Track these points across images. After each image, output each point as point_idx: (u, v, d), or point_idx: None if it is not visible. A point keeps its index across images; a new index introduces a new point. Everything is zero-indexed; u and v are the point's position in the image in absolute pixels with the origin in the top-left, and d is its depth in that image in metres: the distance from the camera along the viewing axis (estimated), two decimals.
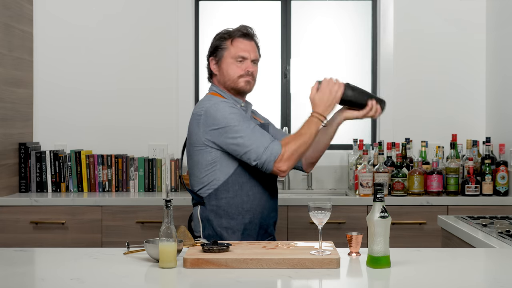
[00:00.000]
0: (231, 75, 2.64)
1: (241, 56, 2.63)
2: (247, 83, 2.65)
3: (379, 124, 4.37)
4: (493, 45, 4.24)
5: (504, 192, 3.86)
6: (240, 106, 2.66)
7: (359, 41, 4.50)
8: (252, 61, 2.66)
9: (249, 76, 2.64)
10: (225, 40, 2.66)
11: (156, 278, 1.94)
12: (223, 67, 2.66)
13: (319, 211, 2.10)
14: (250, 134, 2.48)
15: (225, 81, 2.67)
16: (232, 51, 2.64)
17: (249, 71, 2.64)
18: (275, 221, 2.71)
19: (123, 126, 4.35)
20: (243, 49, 2.64)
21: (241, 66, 2.63)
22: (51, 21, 4.35)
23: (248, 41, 2.66)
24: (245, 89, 2.66)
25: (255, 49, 2.68)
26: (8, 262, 2.11)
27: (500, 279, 1.95)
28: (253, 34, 2.69)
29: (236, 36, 2.65)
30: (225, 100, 2.60)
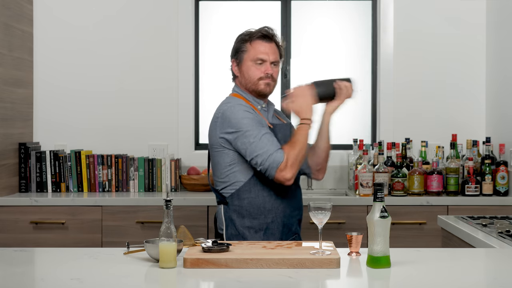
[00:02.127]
0: (251, 77, 2.68)
1: (260, 59, 2.66)
2: (267, 85, 2.68)
3: (379, 124, 4.37)
4: (493, 45, 4.24)
5: (504, 192, 3.86)
6: (261, 107, 2.71)
7: (359, 41, 4.50)
8: (272, 63, 2.68)
9: (269, 78, 2.67)
10: (245, 42, 2.69)
11: (156, 278, 1.94)
12: (244, 69, 2.70)
13: (319, 211, 2.11)
14: (258, 140, 2.53)
15: (246, 83, 2.71)
16: (252, 54, 2.67)
17: (269, 73, 2.66)
18: (299, 219, 2.74)
19: (123, 126, 4.35)
20: (262, 52, 2.66)
21: (261, 69, 2.66)
22: (51, 21, 4.35)
23: (267, 43, 2.67)
24: (265, 91, 2.70)
25: (275, 50, 2.69)
26: (8, 262, 2.11)
27: (500, 279, 1.95)
28: (273, 35, 2.70)
29: (255, 38, 2.67)
30: (241, 103, 2.65)
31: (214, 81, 4.48)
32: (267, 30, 2.70)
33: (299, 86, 2.65)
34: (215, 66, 4.49)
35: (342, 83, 2.70)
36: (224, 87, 4.45)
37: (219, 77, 4.48)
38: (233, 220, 2.65)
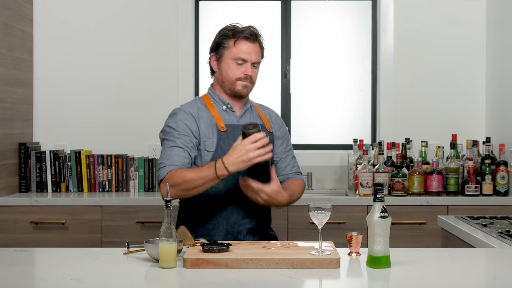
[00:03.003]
0: (229, 76, 2.60)
1: (241, 58, 2.58)
2: (244, 87, 2.60)
3: (379, 124, 4.37)
4: (493, 45, 4.24)
5: (504, 192, 3.86)
6: (226, 107, 2.63)
7: (359, 41, 4.50)
8: (253, 64, 2.60)
9: (247, 80, 2.60)
10: (227, 38, 2.60)
11: (156, 278, 1.94)
12: (223, 66, 2.63)
13: (319, 211, 2.11)
14: (163, 151, 2.56)
15: (223, 81, 2.64)
16: (233, 52, 2.58)
17: (248, 74, 2.59)
18: (251, 228, 2.60)
19: (123, 126, 4.35)
20: (244, 51, 2.58)
21: (240, 69, 2.58)
22: (51, 21, 4.35)
23: (251, 43, 2.59)
24: (241, 93, 2.62)
25: (258, 51, 2.62)
26: (8, 262, 2.11)
27: (500, 279, 1.95)
28: (258, 35, 2.62)
29: (240, 38, 2.59)
30: (186, 109, 2.60)
31: None
32: (253, 30, 2.61)
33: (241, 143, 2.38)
34: None
35: (270, 190, 2.45)
36: None
37: None
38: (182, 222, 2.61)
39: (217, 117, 2.61)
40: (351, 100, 4.51)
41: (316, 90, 4.51)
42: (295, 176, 2.73)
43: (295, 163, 2.76)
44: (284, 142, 2.74)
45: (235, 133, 2.58)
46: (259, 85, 4.80)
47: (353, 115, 4.49)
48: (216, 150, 2.55)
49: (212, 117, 2.61)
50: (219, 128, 2.58)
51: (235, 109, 2.66)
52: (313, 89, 4.51)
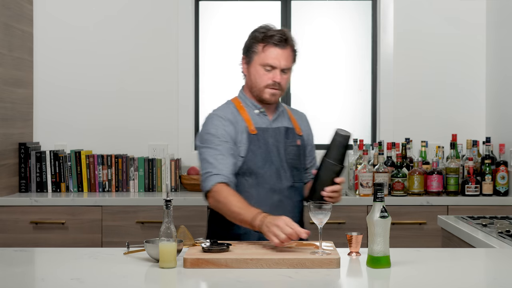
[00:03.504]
0: (258, 82, 2.51)
1: (269, 65, 2.48)
2: (272, 95, 2.51)
3: (379, 124, 4.37)
4: (493, 45, 4.24)
5: (504, 192, 3.86)
6: (259, 111, 2.57)
7: (359, 41, 4.50)
8: (282, 70, 2.50)
9: (275, 87, 2.49)
10: (257, 43, 2.50)
11: (156, 278, 1.94)
12: (251, 71, 2.53)
13: (319, 211, 2.11)
14: (206, 159, 2.45)
15: (251, 87, 2.56)
16: (262, 58, 2.49)
17: (276, 81, 2.48)
18: None
19: (123, 126, 4.35)
20: (273, 58, 2.48)
21: (269, 75, 2.49)
22: (51, 21, 4.35)
23: (281, 49, 2.48)
24: (269, 101, 2.54)
25: (288, 56, 2.51)
26: (8, 262, 2.11)
27: (500, 279, 1.95)
28: (288, 40, 2.51)
29: (269, 43, 2.48)
30: (221, 114, 2.53)
31: (214, 81, 4.49)
32: (282, 36, 2.49)
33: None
34: (215, 66, 4.49)
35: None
36: (224, 87, 4.48)
37: (219, 77, 4.49)
38: (212, 227, 2.61)
39: (248, 120, 2.54)
40: (351, 100, 4.51)
41: (316, 90, 4.51)
42: None
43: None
44: (313, 146, 2.73)
45: (266, 136, 2.53)
46: None
47: (353, 115, 4.49)
48: (248, 154, 2.50)
49: (244, 121, 2.54)
50: (249, 131, 2.52)
51: (267, 113, 2.59)
52: (313, 89, 4.51)
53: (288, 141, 2.57)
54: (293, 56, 2.55)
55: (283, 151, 2.55)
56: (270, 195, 2.51)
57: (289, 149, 2.57)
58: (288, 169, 2.55)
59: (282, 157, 2.54)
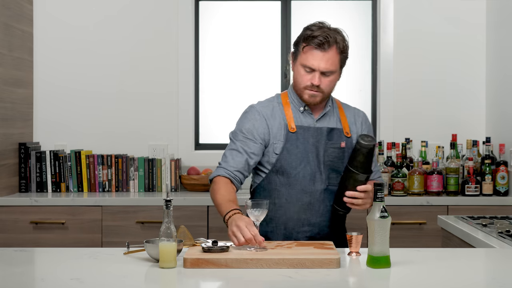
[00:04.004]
0: (298, 82, 2.49)
1: (309, 67, 2.44)
2: (311, 96, 2.46)
3: (379, 124, 4.37)
4: (493, 45, 4.24)
5: (504, 192, 3.86)
6: (304, 109, 2.53)
7: (359, 41, 4.50)
8: (323, 73, 2.44)
9: (314, 89, 2.45)
10: (302, 42, 2.46)
11: (156, 278, 1.94)
12: (295, 69, 2.51)
13: (255, 208, 2.16)
14: (225, 151, 2.52)
15: (294, 84, 2.54)
16: (303, 58, 2.45)
17: (314, 84, 2.43)
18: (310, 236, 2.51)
19: (123, 126, 4.35)
20: (311, 60, 2.43)
21: (308, 77, 2.45)
22: (51, 21, 4.35)
23: (322, 52, 2.42)
24: (308, 102, 2.49)
25: (331, 58, 2.44)
26: (8, 262, 2.11)
27: (500, 279, 1.95)
28: (331, 43, 2.43)
29: (310, 44, 2.43)
30: (256, 109, 2.53)
31: (214, 80, 4.49)
32: (324, 39, 2.42)
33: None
34: (215, 66, 4.49)
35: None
36: (224, 87, 4.49)
37: (219, 77, 4.49)
38: None
39: (290, 117, 2.51)
40: (351, 100, 4.48)
41: None
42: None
43: (377, 168, 2.63)
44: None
45: (306, 135, 2.49)
46: (259, 85, 4.80)
47: None
48: (282, 152, 2.48)
49: (286, 117, 2.51)
50: (289, 128, 2.49)
51: (313, 111, 2.55)
52: None
53: (330, 142, 2.50)
54: (338, 58, 2.47)
55: (322, 152, 2.49)
56: (300, 197, 2.48)
57: (330, 150, 2.50)
58: (325, 171, 2.49)
59: (321, 159, 2.48)
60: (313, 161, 2.48)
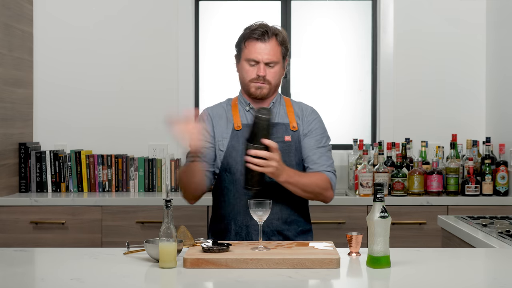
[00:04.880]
0: (244, 78, 2.56)
1: (252, 60, 2.51)
2: (258, 88, 2.53)
3: (379, 124, 4.37)
4: (493, 45, 4.24)
5: (504, 192, 3.86)
6: (249, 107, 2.59)
7: (359, 41, 4.50)
8: (267, 64, 2.51)
9: (260, 81, 2.52)
10: (242, 40, 2.55)
11: (156, 278, 1.94)
12: (239, 68, 2.59)
13: (258, 207, 2.15)
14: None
15: (241, 83, 2.61)
16: (246, 53, 2.53)
17: (260, 75, 2.50)
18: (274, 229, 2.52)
19: (123, 126, 4.35)
20: (255, 52, 2.50)
21: (253, 70, 2.52)
22: (51, 21, 4.35)
23: (263, 43, 2.49)
24: (255, 95, 2.55)
25: (273, 49, 2.51)
26: (8, 262, 2.11)
27: (500, 279, 1.95)
28: (271, 34, 2.51)
29: (250, 38, 2.51)
30: (205, 110, 2.65)
31: (214, 80, 4.49)
32: (263, 29, 2.50)
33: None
34: (215, 66, 4.49)
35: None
36: (224, 86, 4.48)
37: (219, 77, 4.49)
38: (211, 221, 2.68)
39: (236, 116, 2.58)
40: (351, 100, 4.51)
41: (316, 90, 4.51)
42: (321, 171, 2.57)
43: (324, 161, 2.57)
44: (312, 139, 2.59)
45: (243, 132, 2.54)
46: None
47: (353, 115, 4.49)
48: (228, 149, 2.54)
49: (232, 117, 2.58)
50: (234, 127, 2.56)
51: None
52: (313, 89, 4.51)
53: (273, 137, 2.50)
54: (280, 49, 2.54)
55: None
56: (246, 192, 2.47)
57: None
58: None
59: None
60: None
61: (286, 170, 2.39)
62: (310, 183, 2.47)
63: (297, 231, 2.57)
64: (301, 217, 2.60)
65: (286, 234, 2.54)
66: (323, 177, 2.52)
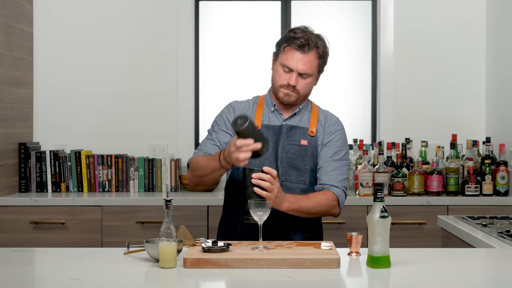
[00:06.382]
0: (275, 80, 2.56)
1: (287, 66, 2.50)
2: (286, 95, 2.53)
3: (379, 124, 4.37)
4: (493, 45, 4.24)
5: (504, 192, 3.86)
6: (274, 108, 2.60)
7: (359, 41, 4.50)
8: (300, 74, 2.51)
9: (289, 88, 2.51)
10: (283, 42, 2.53)
11: (156, 278, 1.94)
12: (274, 68, 2.58)
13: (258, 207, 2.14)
14: (202, 141, 2.61)
15: (272, 82, 2.61)
16: (283, 58, 2.51)
17: (290, 84, 2.50)
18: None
19: (123, 126, 4.35)
20: (292, 60, 2.50)
21: (285, 76, 2.51)
22: (51, 21, 4.35)
23: (302, 54, 2.50)
24: (282, 100, 2.55)
25: (310, 61, 2.52)
26: (8, 262, 2.11)
27: (500, 279, 1.95)
28: (311, 46, 2.52)
29: (291, 45, 2.50)
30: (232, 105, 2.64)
31: (214, 80, 4.49)
32: (305, 41, 2.49)
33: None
34: (215, 66, 4.49)
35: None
36: (224, 87, 4.48)
37: (219, 77, 4.49)
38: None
39: (258, 116, 2.59)
40: (351, 100, 4.51)
41: (316, 90, 4.49)
42: (329, 188, 2.52)
43: (337, 175, 2.55)
44: (330, 150, 2.58)
45: (268, 132, 2.54)
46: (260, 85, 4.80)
47: (353, 115, 4.49)
48: None
49: (255, 116, 2.59)
50: None
51: (283, 112, 2.61)
52: (313, 89, 4.49)
53: (289, 139, 2.55)
54: (317, 62, 2.55)
55: (281, 148, 2.53)
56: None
57: (289, 147, 2.54)
58: (282, 167, 2.52)
59: (279, 155, 2.52)
60: (271, 157, 2.52)
61: (287, 197, 2.38)
62: (313, 206, 2.45)
63: (304, 236, 2.56)
64: (309, 222, 2.58)
65: (293, 239, 2.53)
66: (328, 195, 2.49)
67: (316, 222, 2.63)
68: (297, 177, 2.53)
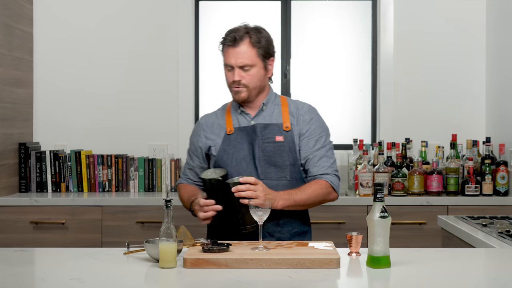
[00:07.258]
0: (226, 83, 2.61)
1: (228, 65, 2.54)
2: (236, 93, 2.55)
3: (379, 124, 4.37)
4: (493, 45, 4.24)
5: (504, 192, 3.86)
6: (241, 111, 2.62)
7: (359, 41, 4.50)
8: (241, 68, 2.51)
9: (236, 85, 2.53)
10: (220, 46, 2.59)
11: (156, 278, 1.94)
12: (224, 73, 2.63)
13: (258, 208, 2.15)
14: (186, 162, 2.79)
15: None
16: (223, 59, 2.57)
17: (235, 80, 2.52)
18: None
19: (123, 126, 4.35)
20: (227, 58, 2.53)
21: (230, 75, 2.55)
22: (51, 21, 4.35)
23: (233, 48, 2.50)
24: (236, 99, 2.58)
25: (246, 53, 2.50)
26: (8, 262, 2.11)
27: (500, 279, 1.95)
28: (241, 37, 2.50)
29: (225, 44, 2.54)
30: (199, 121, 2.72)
31: (214, 80, 4.49)
32: (232, 35, 2.50)
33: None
34: (215, 66, 4.49)
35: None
36: (224, 87, 4.47)
37: (219, 77, 4.48)
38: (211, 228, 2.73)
39: (229, 121, 2.61)
40: (351, 100, 4.51)
41: (316, 90, 4.51)
42: (320, 177, 2.54)
43: (324, 163, 2.55)
44: (311, 141, 2.58)
45: (242, 134, 2.56)
46: None
47: (353, 115, 4.49)
48: (219, 153, 2.58)
49: (226, 122, 2.62)
50: (226, 131, 2.59)
51: (249, 111, 2.63)
52: (313, 89, 4.51)
53: (264, 138, 2.54)
54: (256, 51, 2.52)
55: (257, 148, 2.54)
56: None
57: (264, 145, 2.54)
58: (261, 166, 2.52)
59: (256, 154, 2.53)
60: (248, 157, 2.54)
61: (279, 195, 2.41)
62: (308, 197, 2.48)
63: (291, 233, 2.56)
64: (295, 218, 2.58)
65: (279, 236, 2.54)
66: (321, 184, 2.52)
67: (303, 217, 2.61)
68: (277, 174, 2.53)
